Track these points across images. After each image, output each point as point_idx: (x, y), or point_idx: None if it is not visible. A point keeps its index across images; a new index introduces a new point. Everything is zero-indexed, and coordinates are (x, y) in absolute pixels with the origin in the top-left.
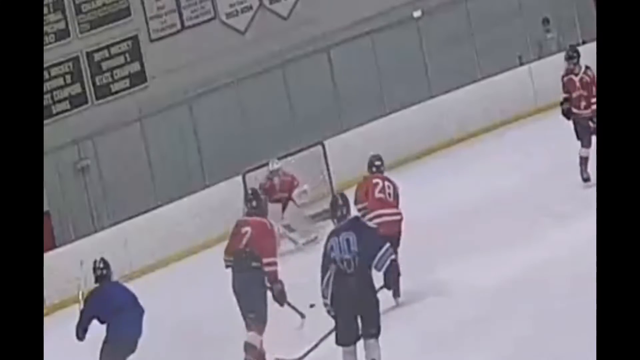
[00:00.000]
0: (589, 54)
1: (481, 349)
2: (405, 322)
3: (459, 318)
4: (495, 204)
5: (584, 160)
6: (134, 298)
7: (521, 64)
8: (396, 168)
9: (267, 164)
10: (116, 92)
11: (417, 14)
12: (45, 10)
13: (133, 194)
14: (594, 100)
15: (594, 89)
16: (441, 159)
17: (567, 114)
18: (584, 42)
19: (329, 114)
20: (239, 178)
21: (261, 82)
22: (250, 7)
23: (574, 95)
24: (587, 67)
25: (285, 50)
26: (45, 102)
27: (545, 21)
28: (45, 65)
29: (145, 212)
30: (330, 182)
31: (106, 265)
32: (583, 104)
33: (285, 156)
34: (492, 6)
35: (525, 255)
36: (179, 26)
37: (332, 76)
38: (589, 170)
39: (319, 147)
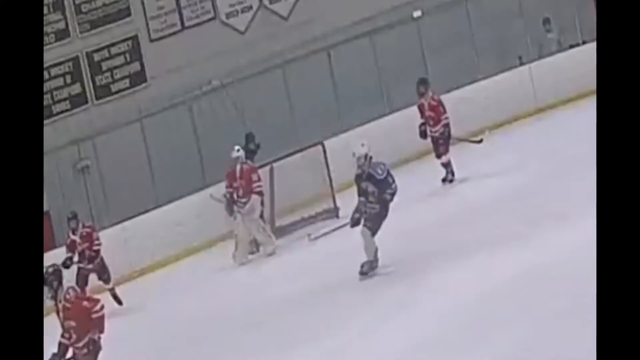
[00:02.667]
0: (589, 54)
1: (480, 349)
2: (404, 322)
3: (458, 318)
4: (495, 203)
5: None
6: None
7: (521, 64)
8: (396, 168)
9: (267, 164)
10: (116, 92)
11: (417, 14)
12: (45, 10)
13: (133, 194)
14: (441, 120)
15: (441, 110)
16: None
17: (423, 134)
18: (584, 42)
19: (329, 114)
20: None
21: (261, 82)
22: (250, 7)
23: (426, 115)
24: (433, 93)
25: (285, 50)
26: (45, 102)
27: (546, 21)
28: (45, 65)
29: (145, 212)
30: (330, 182)
31: None
32: (432, 122)
33: (285, 156)
34: (492, 6)
35: (525, 255)
36: (179, 26)
37: (332, 76)
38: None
39: (319, 147)
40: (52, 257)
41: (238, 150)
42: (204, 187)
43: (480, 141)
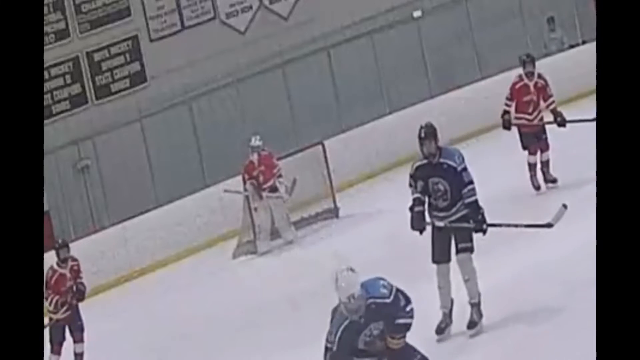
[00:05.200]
0: (589, 54)
1: (480, 349)
2: None
3: (458, 318)
4: (494, 203)
5: (532, 167)
6: None
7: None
8: (396, 168)
9: None
10: (116, 92)
11: (417, 14)
12: (45, 10)
13: (133, 194)
14: (543, 105)
15: (549, 92)
16: None
17: (507, 123)
18: (584, 42)
19: (329, 114)
20: (239, 178)
21: (261, 82)
22: (250, 7)
23: (524, 99)
24: (539, 73)
25: (285, 50)
26: (45, 102)
27: (551, 20)
28: (45, 65)
29: (145, 212)
30: (331, 182)
31: None
32: (531, 109)
33: (285, 156)
34: (492, 6)
35: (525, 255)
36: (179, 26)
37: (332, 76)
38: (588, 172)
39: (319, 147)
40: (52, 257)
41: (257, 139)
42: (204, 187)
43: None
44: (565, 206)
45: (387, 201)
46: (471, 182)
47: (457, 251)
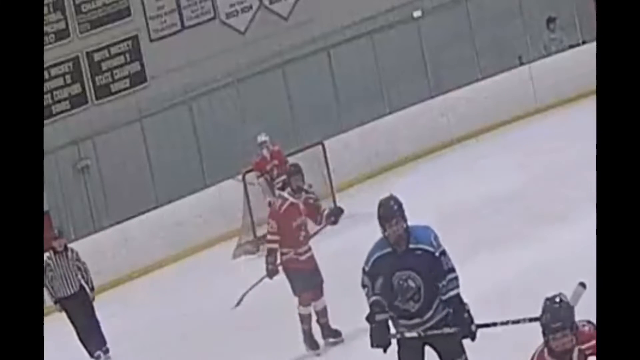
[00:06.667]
0: (589, 54)
1: (478, 351)
2: None
3: None
4: (494, 204)
5: None
6: None
7: (521, 64)
8: (396, 168)
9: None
10: (116, 92)
11: (417, 14)
12: (45, 10)
13: (133, 194)
14: None
15: None
16: (441, 159)
17: None
18: (584, 42)
19: (329, 114)
20: (240, 178)
21: (261, 82)
22: (250, 7)
23: None
24: None
25: (285, 50)
26: (45, 102)
27: (551, 21)
28: (45, 65)
29: (145, 212)
30: (330, 182)
31: None
32: None
33: (286, 156)
34: (492, 6)
35: (525, 256)
36: (179, 26)
37: (332, 76)
38: (588, 172)
39: (319, 147)
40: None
41: (263, 135)
42: (204, 187)
43: None
44: (583, 285)
45: None
46: (453, 270)
47: None
